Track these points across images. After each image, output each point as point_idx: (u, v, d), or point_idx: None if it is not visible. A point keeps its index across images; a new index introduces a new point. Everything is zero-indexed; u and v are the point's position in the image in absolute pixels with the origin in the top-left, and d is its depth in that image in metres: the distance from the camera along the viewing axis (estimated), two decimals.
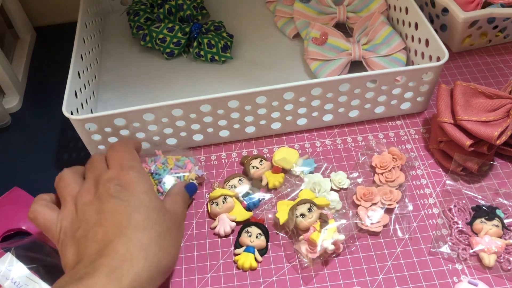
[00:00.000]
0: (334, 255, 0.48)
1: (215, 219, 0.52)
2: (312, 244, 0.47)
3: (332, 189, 0.53)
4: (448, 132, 0.52)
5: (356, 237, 0.49)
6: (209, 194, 0.54)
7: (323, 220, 0.48)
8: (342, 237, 0.47)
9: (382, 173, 0.54)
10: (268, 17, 0.78)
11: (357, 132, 0.60)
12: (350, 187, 0.53)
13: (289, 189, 0.53)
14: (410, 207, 0.51)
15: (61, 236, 0.41)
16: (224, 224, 0.50)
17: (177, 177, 0.53)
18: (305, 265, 0.48)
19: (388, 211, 0.51)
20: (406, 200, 0.52)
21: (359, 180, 0.54)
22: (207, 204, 0.53)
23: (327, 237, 0.47)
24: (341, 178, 0.54)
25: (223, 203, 0.52)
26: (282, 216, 0.49)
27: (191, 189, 0.50)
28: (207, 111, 0.54)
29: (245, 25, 0.77)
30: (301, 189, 0.52)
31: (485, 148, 0.52)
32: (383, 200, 0.51)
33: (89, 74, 0.65)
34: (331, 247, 0.46)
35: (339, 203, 0.52)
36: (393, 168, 0.54)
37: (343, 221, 0.49)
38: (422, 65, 0.55)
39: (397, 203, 0.51)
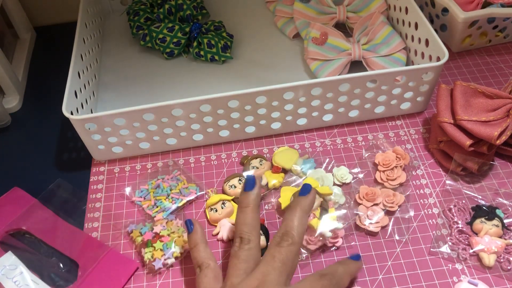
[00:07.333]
0: (333, 248, 0.48)
1: (216, 226, 0.52)
2: (310, 230, 0.47)
3: (334, 184, 0.54)
4: (448, 132, 0.52)
5: (356, 237, 0.50)
6: (205, 201, 0.54)
7: (324, 208, 0.49)
8: (340, 225, 0.48)
9: (384, 171, 0.54)
10: (268, 17, 0.78)
11: (357, 132, 0.60)
12: (352, 182, 0.54)
13: (294, 177, 0.54)
14: (411, 213, 0.51)
15: None
16: (226, 229, 0.50)
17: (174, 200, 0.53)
18: (304, 256, 0.48)
19: (389, 213, 0.51)
20: (408, 205, 0.51)
21: (361, 176, 0.54)
22: (204, 211, 0.53)
23: (326, 225, 0.47)
24: (343, 173, 0.54)
25: (222, 208, 0.52)
26: (285, 201, 0.50)
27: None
28: (207, 111, 0.54)
29: (245, 25, 0.77)
30: (306, 177, 0.53)
31: (485, 148, 0.52)
32: (385, 202, 0.51)
33: (89, 74, 0.65)
34: (329, 234, 0.47)
35: (342, 197, 0.52)
36: (395, 167, 0.54)
37: (343, 211, 0.50)
38: (422, 65, 0.55)
39: (398, 206, 0.51)
